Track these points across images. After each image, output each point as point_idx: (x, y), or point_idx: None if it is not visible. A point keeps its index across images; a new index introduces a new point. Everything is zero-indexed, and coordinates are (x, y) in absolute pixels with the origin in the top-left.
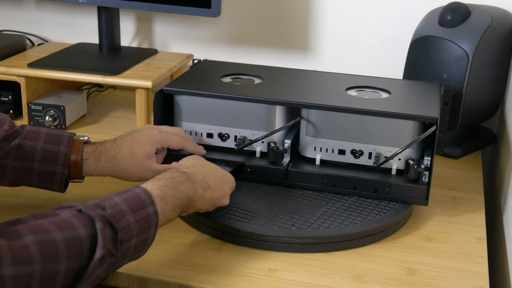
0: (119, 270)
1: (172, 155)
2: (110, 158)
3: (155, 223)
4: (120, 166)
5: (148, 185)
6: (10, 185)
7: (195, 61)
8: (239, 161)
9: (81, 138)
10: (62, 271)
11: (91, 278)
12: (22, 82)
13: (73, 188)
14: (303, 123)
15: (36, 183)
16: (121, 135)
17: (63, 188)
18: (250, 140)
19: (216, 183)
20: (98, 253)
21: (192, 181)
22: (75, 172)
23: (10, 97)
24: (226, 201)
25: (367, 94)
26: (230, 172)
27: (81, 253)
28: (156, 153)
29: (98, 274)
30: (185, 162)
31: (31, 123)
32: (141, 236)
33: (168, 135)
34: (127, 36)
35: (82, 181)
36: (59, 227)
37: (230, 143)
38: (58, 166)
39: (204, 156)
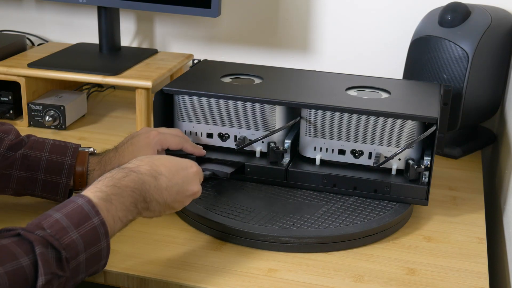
0: (119, 270)
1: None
2: (115, 168)
3: (104, 233)
4: None
5: (89, 192)
6: (15, 195)
7: (195, 61)
8: (239, 162)
9: (87, 150)
10: None
11: None
12: (22, 82)
13: None
14: (303, 123)
15: (40, 193)
16: (121, 142)
17: (67, 198)
18: (250, 140)
19: (171, 169)
20: (41, 280)
21: (135, 173)
22: (81, 184)
23: (10, 97)
24: (194, 187)
25: (367, 94)
26: (232, 173)
27: (26, 284)
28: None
29: None
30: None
31: (31, 123)
32: (91, 250)
33: (167, 136)
34: (127, 36)
35: None
36: (0, 260)
37: (230, 143)
38: (62, 177)
39: (204, 157)
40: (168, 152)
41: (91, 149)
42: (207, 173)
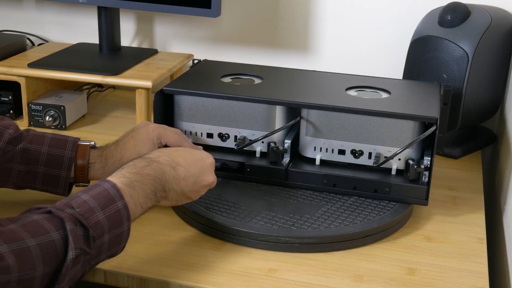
0: (119, 270)
1: None
2: (117, 161)
3: (127, 216)
4: None
5: (113, 179)
6: (15, 188)
7: (195, 61)
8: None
9: (87, 143)
10: (39, 276)
11: (67, 278)
12: (22, 82)
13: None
14: (303, 123)
15: (41, 186)
16: (121, 136)
17: (67, 191)
18: (250, 140)
19: (188, 160)
20: (71, 254)
21: (156, 163)
22: (81, 176)
23: (10, 97)
24: (210, 178)
25: (367, 94)
26: (241, 163)
27: (56, 256)
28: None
29: (74, 273)
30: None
31: (31, 123)
32: (114, 231)
33: (166, 131)
34: (127, 36)
35: (88, 185)
36: (32, 233)
37: (230, 143)
38: (62, 170)
39: None
40: None
41: (92, 143)
42: (217, 164)
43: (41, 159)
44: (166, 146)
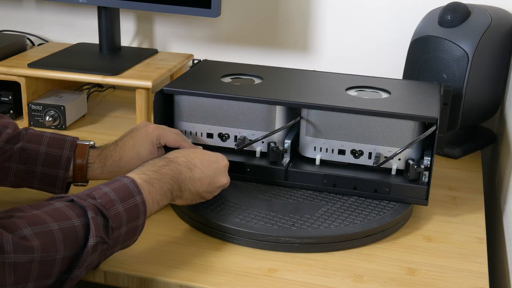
0: (119, 270)
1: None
2: (116, 161)
3: (144, 211)
4: (127, 169)
5: (133, 175)
6: (13, 187)
7: (195, 61)
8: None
9: (87, 143)
10: (59, 258)
11: (86, 263)
12: (22, 82)
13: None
14: (303, 123)
15: (38, 185)
16: (121, 136)
17: (64, 191)
18: (250, 140)
19: (203, 162)
20: (92, 241)
21: (174, 163)
22: (80, 176)
23: (10, 97)
24: (224, 179)
25: (367, 94)
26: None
27: (77, 242)
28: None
29: (92, 260)
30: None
31: (32, 123)
32: (131, 224)
33: (165, 131)
34: (127, 36)
35: (86, 185)
36: (55, 218)
37: (230, 143)
38: (60, 170)
39: None
40: (167, 149)
41: (91, 142)
42: None
43: (39, 158)
44: (165, 147)
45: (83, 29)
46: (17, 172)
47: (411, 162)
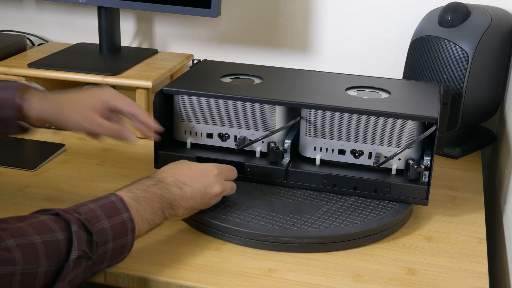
0: (119, 270)
1: (164, 156)
2: (54, 99)
3: (132, 229)
4: (63, 110)
5: (121, 192)
6: None
7: (195, 61)
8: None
9: (31, 85)
10: (42, 272)
11: (68, 278)
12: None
13: (72, 188)
14: (303, 123)
15: None
16: (66, 91)
17: (18, 132)
18: (250, 140)
19: (192, 178)
20: (73, 254)
21: (162, 183)
22: (21, 115)
23: None
24: (217, 189)
25: (367, 94)
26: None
27: (59, 255)
28: (109, 117)
29: (75, 275)
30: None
31: None
32: (118, 242)
33: (120, 96)
34: (127, 36)
35: (28, 128)
36: (38, 230)
37: (230, 143)
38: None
39: (204, 157)
40: (159, 150)
41: (38, 86)
42: None
43: None
44: (160, 148)
45: (83, 29)
46: None
47: (411, 162)
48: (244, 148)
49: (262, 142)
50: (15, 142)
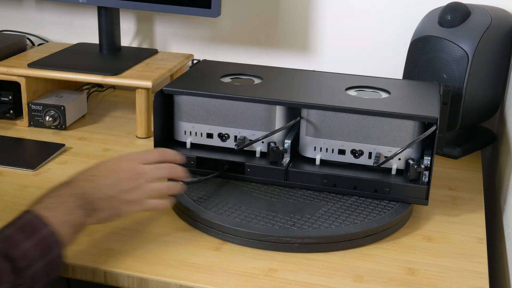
0: (119, 270)
1: None
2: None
3: (56, 241)
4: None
5: (34, 207)
6: None
7: (195, 61)
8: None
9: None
10: None
11: None
12: (22, 82)
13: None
14: (303, 123)
15: None
16: None
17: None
18: (250, 140)
19: (103, 167)
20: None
21: (72, 182)
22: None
23: (10, 97)
24: (129, 171)
25: (367, 94)
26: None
27: None
28: None
29: None
30: None
31: (31, 123)
32: (47, 258)
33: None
34: (127, 36)
35: None
36: None
37: (230, 143)
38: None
39: (204, 157)
40: None
41: None
42: (194, 179)
43: None
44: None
45: (83, 29)
46: None
47: (411, 162)
48: (244, 148)
49: (262, 142)
50: (15, 142)
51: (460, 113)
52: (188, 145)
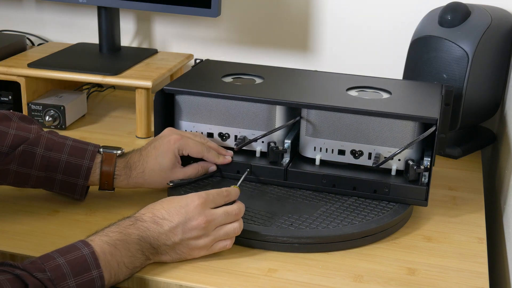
0: None
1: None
2: (139, 173)
3: (100, 286)
4: (150, 180)
5: (95, 240)
6: (32, 188)
7: (197, 61)
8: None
9: (114, 152)
10: None
11: None
12: (22, 82)
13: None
14: (303, 123)
15: (58, 191)
16: (145, 144)
17: (83, 197)
18: (250, 139)
19: (170, 210)
20: None
21: (140, 221)
22: (107, 184)
23: (10, 97)
24: (199, 220)
25: (368, 94)
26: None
27: None
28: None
29: None
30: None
31: None
32: None
33: (189, 142)
34: (127, 36)
35: (113, 191)
36: None
37: (230, 143)
38: (80, 179)
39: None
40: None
41: (118, 152)
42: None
43: (59, 167)
44: (188, 156)
45: (83, 29)
46: (37, 179)
47: (411, 162)
48: (244, 148)
49: (262, 142)
50: None
51: (460, 113)
52: None
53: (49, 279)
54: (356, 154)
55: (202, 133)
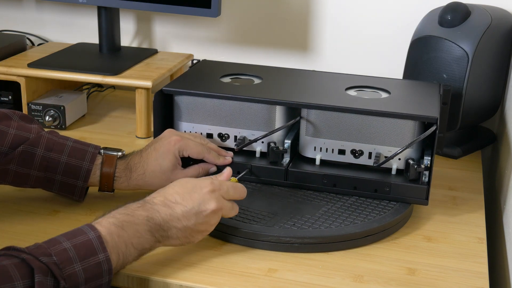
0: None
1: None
2: (140, 175)
3: (108, 270)
4: (151, 182)
5: (102, 223)
6: (31, 187)
7: (194, 61)
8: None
9: (115, 154)
10: None
11: None
12: (22, 82)
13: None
14: (303, 123)
15: (57, 192)
16: (146, 145)
17: (82, 198)
18: (250, 140)
19: (184, 195)
20: None
21: (149, 204)
22: (107, 186)
23: (10, 97)
24: (211, 205)
25: (367, 94)
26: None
27: None
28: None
29: None
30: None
31: None
32: (91, 284)
33: (189, 143)
34: (127, 36)
35: (113, 193)
36: None
37: (230, 143)
38: (79, 181)
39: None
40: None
41: (119, 153)
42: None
43: (59, 168)
44: (189, 157)
45: (83, 29)
46: (37, 179)
47: (411, 162)
48: (244, 148)
49: (262, 142)
50: None
51: (460, 113)
52: None
53: (55, 263)
54: (356, 153)
55: (201, 133)
